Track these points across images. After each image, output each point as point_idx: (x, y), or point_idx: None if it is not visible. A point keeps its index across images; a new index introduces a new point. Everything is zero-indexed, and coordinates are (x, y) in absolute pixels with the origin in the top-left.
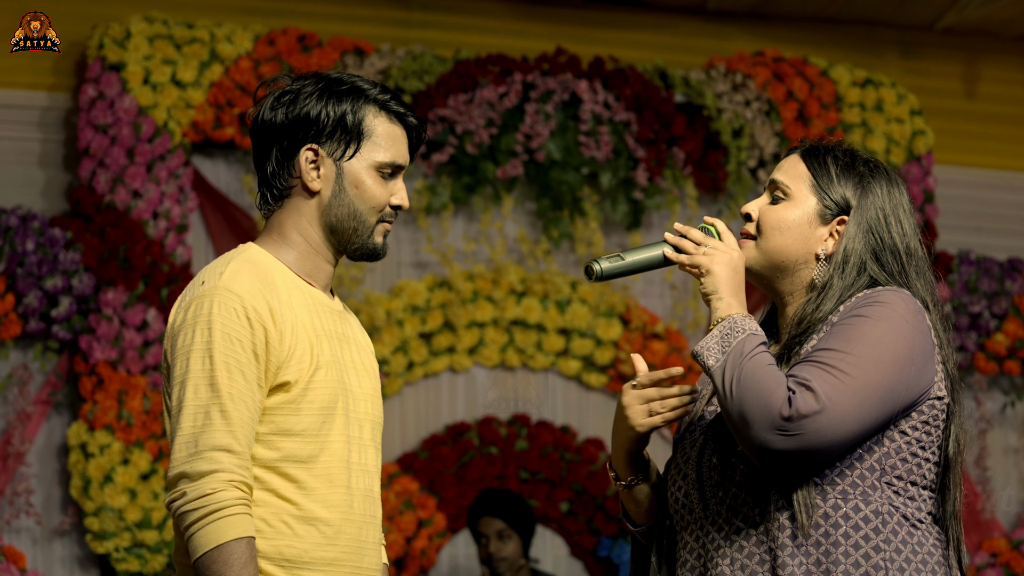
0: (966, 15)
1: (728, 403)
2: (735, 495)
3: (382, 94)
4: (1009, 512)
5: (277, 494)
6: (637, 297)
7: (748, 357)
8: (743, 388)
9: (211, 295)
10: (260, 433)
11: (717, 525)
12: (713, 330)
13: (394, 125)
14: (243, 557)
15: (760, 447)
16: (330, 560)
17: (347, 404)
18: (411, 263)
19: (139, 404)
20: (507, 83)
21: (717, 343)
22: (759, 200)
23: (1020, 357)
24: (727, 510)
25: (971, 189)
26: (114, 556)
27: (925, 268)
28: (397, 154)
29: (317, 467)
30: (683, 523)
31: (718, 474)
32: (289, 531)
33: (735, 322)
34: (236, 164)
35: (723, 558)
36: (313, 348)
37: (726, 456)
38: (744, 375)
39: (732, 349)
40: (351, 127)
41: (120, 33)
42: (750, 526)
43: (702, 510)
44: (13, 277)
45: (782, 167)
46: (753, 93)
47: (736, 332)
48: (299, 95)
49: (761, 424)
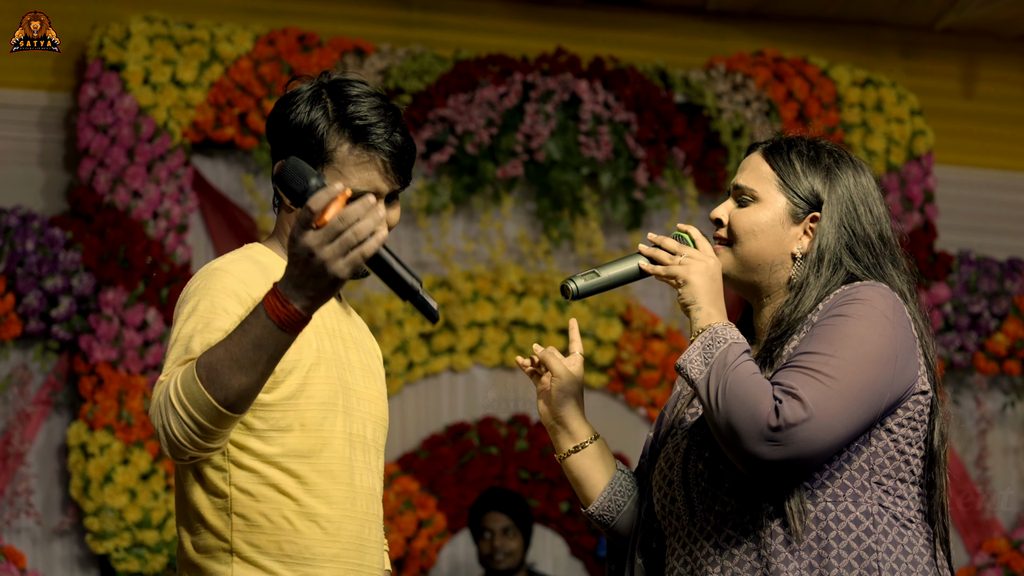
0: (966, 15)
1: (715, 415)
2: (724, 503)
3: (358, 119)
4: (1009, 512)
5: (279, 489)
6: (637, 297)
7: (732, 367)
8: (729, 399)
9: (208, 273)
10: (260, 428)
11: (706, 533)
12: (695, 341)
13: (362, 153)
14: (210, 357)
15: (750, 458)
16: (331, 556)
17: (348, 402)
18: (411, 263)
19: (139, 404)
20: (507, 83)
21: (699, 355)
22: (727, 204)
23: (1020, 357)
24: (716, 518)
25: (971, 189)
26: (114, 556)
27: (899, 255)
28: (361, 183)
29: (319, 462)
30: (671, 529)
31: (705, 482)
32: (290, 527)
33: (716, 332)
34: (236, 164)
35: (713, 566)
36: (311, 343)
37: (713, 464)
38: (729, 386)
39: (715, 360)
40: (315, 148)
41: (120, 33)
42: (740, 534)
43: (689, 517)
44: (13, 277)
45: (745, 169)
46: (753, 93)
47: (718, 342)
48: (291, 100)
49: (750, 435)
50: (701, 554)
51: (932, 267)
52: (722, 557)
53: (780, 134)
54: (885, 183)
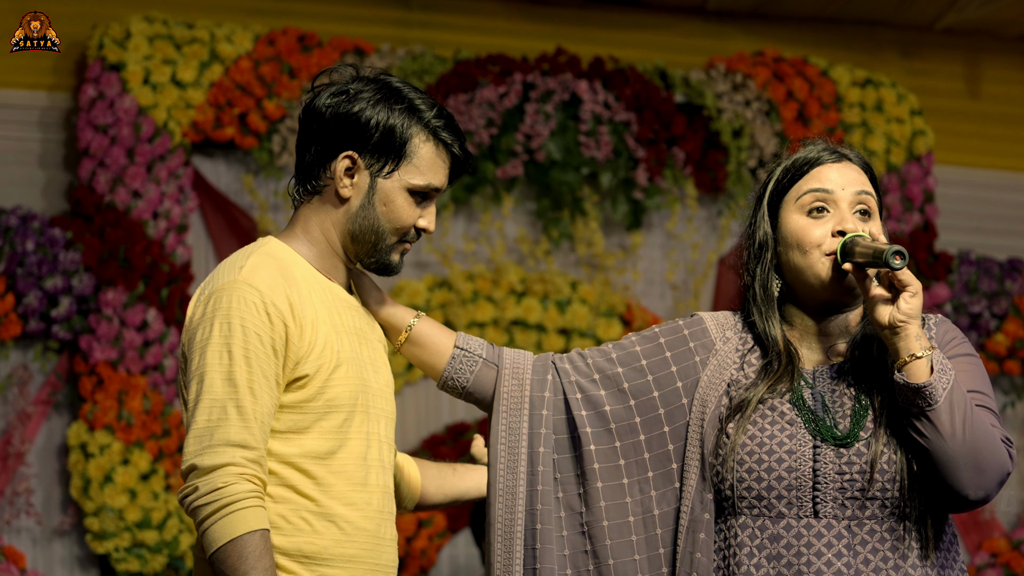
0: (966, 15)
1: (951, 443)
2: (871, 501)
3: (436, 119)
4: (1009, 512)
5: (296, 490)
6: (638, 297)
7: (970, 402)
8: (979, 435)
9: (230, 289)
10: (279, 430)
11: (824, 523)
12: (924, 360)
13: (439, 151)
14: (257, 550)
15: (983, 498)
16: (349, 556)
17: (367, 400)
18: (411, 263)
19: (139, 404)
20: (507, 83)
21: (937, 377)
22: (853, 217)
23: (1020, 357)
24: (855, 510)
25: (971, 189)
26: (114, 556)
27: None
28: (434, 178)
29: (335, 463)
30: (750, 509)
31: (865, 478)
32: (308, 528)
33: (942, 359)
34: (236, 164)
35: (818, 557)
36: (333, 344)
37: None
38: (976, 422)
39: (952, 388)
40: (395, 145)
41: (120, 33)
42: (873, 532)
43: (809, 504)
44: (13, 277)
45: (855, 181)
46: (753, 93)
47: (948, 369)
48: (356, 97)
49: (995, 477)
50: (805, 541)
51: (932, 267)
52: (842, 546)
53: (844, 143)
54: (885, 183)
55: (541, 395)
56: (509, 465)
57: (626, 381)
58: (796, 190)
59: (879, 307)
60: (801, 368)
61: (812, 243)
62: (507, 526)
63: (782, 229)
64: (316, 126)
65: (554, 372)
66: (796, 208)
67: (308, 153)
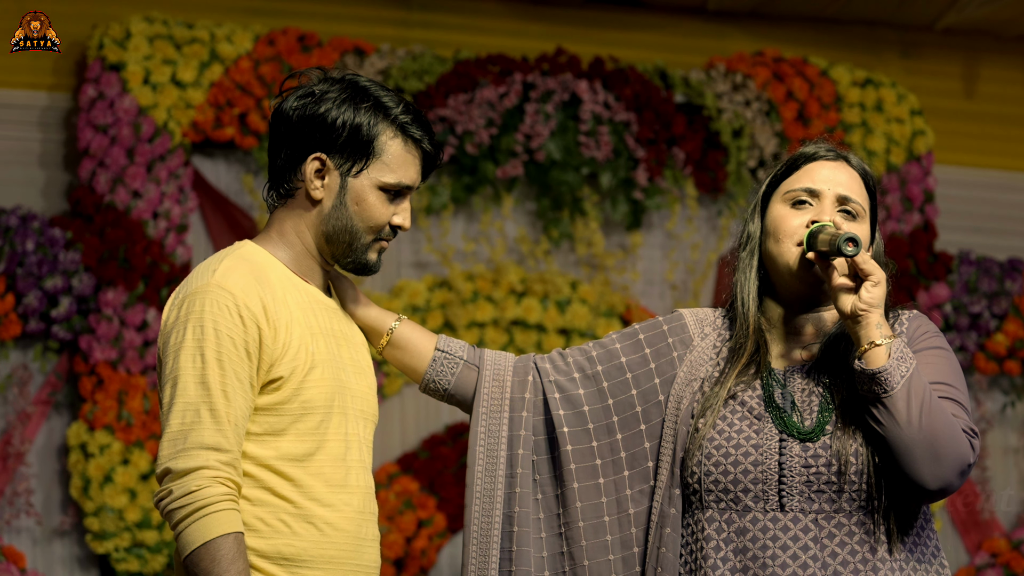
0: (966, 15)
1: (908, 430)
2: (838, 494)
3: (404, 115)
4: (1009, 512)
5: (274, 492)
6: (637, 297)
7: (930, 392)
8: (936, 424)
9: (203, 293)
10: (256, 432)
11: (791, 516)
12: (884, 348)
13: (408, 147)
14: (231, 553)
15: (944, 487)
16: (329, 558)
17: (344, 402)
18: (411, 263)
19: (139, 404)
20: (507, 83)
21: (895, 364)
22: (834, 212)
23: (1020, 357)
24: (819, 504)
25: (971, 189)
26: (114, 556)
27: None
28: (404, 175)
29: (313, 465)
30: (714, 502)
31: (832, 471)
32: (287, 530)
33: (903, 348)
34: (236, 164)
35: (784, 550)
36: (307, 346)
37: (839, 459)
38: (935, 410)
39: (911, 376)
40: (363, 143)
41: (120, 33)
42: (841, 526)
43: (775, 498)
44: (13, 277)
45: (845, 183)
46: (753, 93)
47: (908, 358)
48: (323, 98)
49: (952, 466)
50: (769, 535)
51: (932, 267)
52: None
53: (838, 140)
54: (885, 183)
55: (521, 396)
56: (488, 468)
57: (605, 380)
58: (787, 183)
59: (842, 296)
60: (774, 369)
61: (787, 232)
62: (484, 529)
63: (766, 219)
64: (284, 129)
65: (535, 372)
66: (782, 199)
67: (279, 157)
